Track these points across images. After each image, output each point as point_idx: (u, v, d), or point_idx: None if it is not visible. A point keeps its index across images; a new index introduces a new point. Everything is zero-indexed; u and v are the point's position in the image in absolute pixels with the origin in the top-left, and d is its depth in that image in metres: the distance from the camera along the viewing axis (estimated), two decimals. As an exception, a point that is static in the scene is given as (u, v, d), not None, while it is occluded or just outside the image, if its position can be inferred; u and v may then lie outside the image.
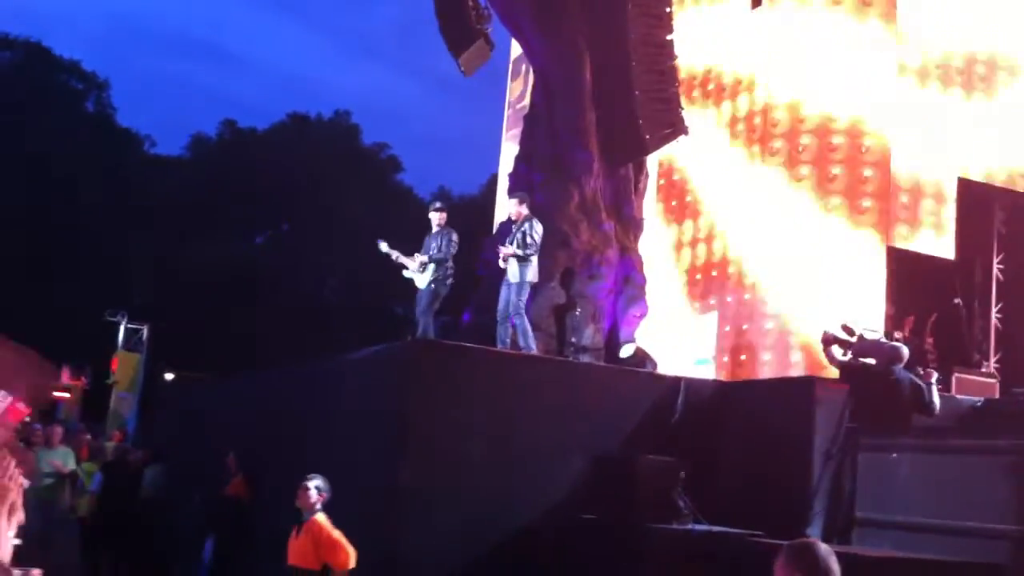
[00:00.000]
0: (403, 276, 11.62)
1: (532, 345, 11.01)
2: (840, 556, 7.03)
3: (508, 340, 10.98)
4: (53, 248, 37.37)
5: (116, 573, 13.89)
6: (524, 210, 11.34)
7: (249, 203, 41.97)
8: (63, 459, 13.25)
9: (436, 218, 11.64)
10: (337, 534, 7.34)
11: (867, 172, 14.41)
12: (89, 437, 16.76)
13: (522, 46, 16.74)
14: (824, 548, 3.43)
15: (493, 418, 9.24)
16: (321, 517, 7.42)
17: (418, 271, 11.34)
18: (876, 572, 6.67)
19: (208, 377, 21.16)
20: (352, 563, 7.30)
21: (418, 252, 11.48)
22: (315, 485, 7.51)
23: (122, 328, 29.24)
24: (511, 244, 11.11)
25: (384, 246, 11.60)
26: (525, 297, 11.13)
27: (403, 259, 11.50)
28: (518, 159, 14.53)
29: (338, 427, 10.39)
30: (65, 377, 31.56)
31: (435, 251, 11.36)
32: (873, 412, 9.24)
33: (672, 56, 13.99)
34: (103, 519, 13.54)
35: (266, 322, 37.17)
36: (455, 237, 11.46)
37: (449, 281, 11.40)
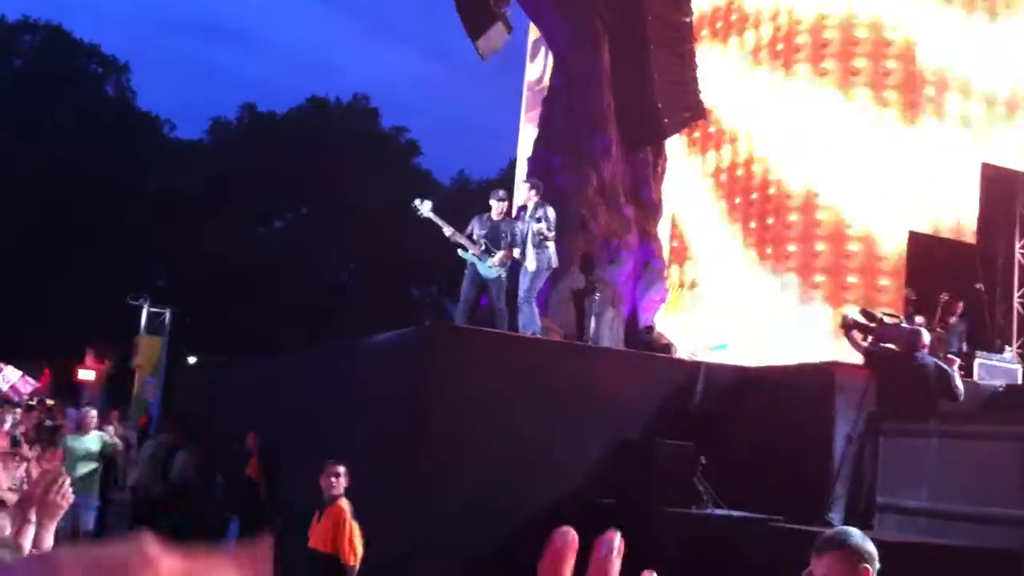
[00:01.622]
0: (457, 255, 11.12)
1: (537, 330, 10.82)
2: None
3: (524, 325, 10.92)
4: (75, 233, 37.56)
5: None
6: (535, 196, 11.18)
7: (268, 187, 42.03)
8: (92, 445, 13.16)
9: (498, 207, 11.17)
10: (355, 526, 7.35)
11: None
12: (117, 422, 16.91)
13: (540, 29, 16.68)
14: (858, 536, 3.47)
15: (511, 402, 9.24)
16: (345, 503, 7.44)
17: (487, 255, 10.89)
18: (897, 557, 6.63)
19: (230, 360, 21.26)
20: (355, 562, 7.30)
21: (467, 234, 11.17)
22: (341, 470, 7.54)
23: (144, 312, 29.36)
24: (527, 233, 10.89)
25: (427, 208, 11.02)
26: (539, 284, 10.99)
27: (459, 237, 10.95)
28: (537, 143, 14.50)
29: (356, 410, 10.41)
30: (89, 360, 31.83)
31: (507, 240, 10.91)
32: (899, 397, 9.19)
33: (690, 39, 13.93)
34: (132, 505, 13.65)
35: (286, 305, 37.30)
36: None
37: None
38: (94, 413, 13.03)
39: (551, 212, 11.06)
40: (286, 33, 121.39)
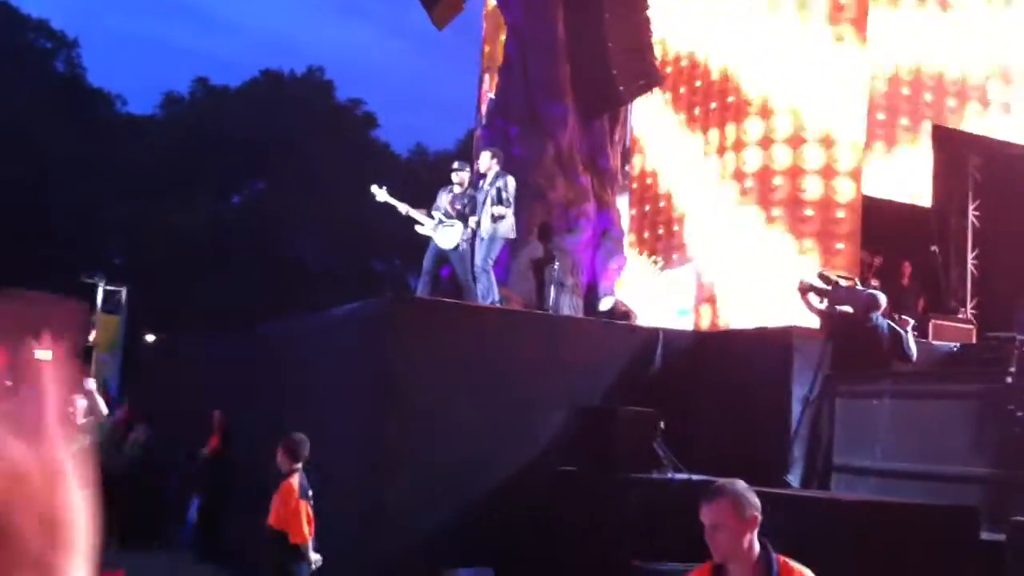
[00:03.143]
0: (415, 231, 11.23)
1: (495, 299, 10.90)
2: (819, 501, 7.12)
3: (482, 294, 10.95)
4: (26, 210, 37.00)
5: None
6: (495, 165, 11.20)
7: (224, 162, 41.61)
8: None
9: (457, 178, 11.30)
10: (301, 505, 7.29)
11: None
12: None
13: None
14: (743, 484, 3.67)
15: (473, 372, 9.28)
16: (294, 480, 7.38)
17: (443, 228, 11.01)
18: (854, 516, 6.75)
19: (192, 336, 21.10)
20: (301, 540, 7.27)
21: (423, 208, 11.19)
22: (289, 446, 7.48)
23: (100, 290, 29.04)
24: (484, 201, 10.94)
25: (383, 193, 11.21)
26: (495, 253, 11.03)
27: (413, 213, 11.12)
28: (493, 113, 14.47)
29: (320, 384, 10.40)
30: (46, 341, 31.43)
31: (461, 211, 11.03)
32: (852, 359, 9.32)
33: (645, 6, 13.91)
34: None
35: (244, 281, 37.02)
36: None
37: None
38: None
39: (511, 182, 11.08)
40: (240, 7, 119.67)
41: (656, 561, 7.52)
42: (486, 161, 11.39)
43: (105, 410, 9.40)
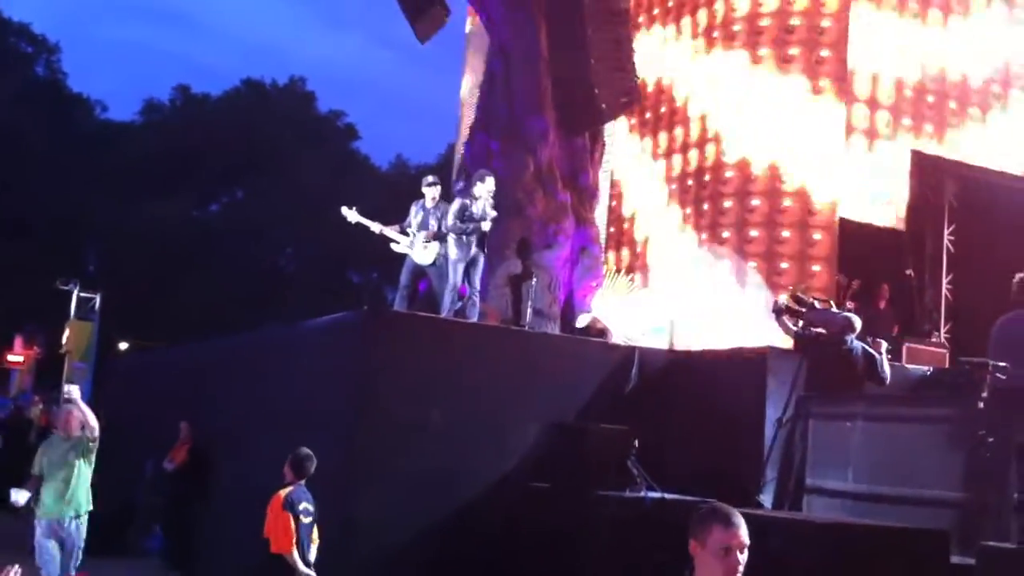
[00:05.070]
0: (390, 249, 11.23)
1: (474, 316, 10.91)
2: (791, 523, 7.10)
3: (462, 309, 10.95)
4: (2, 216, 36.73)
5: None
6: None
7: (203, 170, 41.48)
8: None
9: (430, 192, 11.28)
10: (283, 518, 7.27)
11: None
12: (42, 406, 16.58)
13: (479, 13, 16.63)
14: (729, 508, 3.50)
15: (447, 386, 9.24)
16: (283, 492, 7.38)
17: (420, 245, 11.02)
18: (825, 538, 6.75)
19: (162, 345, 20.96)
20: (285, 551, 7.24)
21: (395, 225, 11.20)
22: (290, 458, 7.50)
23: (74, 297, 28.81)
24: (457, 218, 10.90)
25: (353, 214, 11.22)
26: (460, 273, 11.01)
27: (387, 231, 11.12)
28: (475, 128, 14.47)
29: (294, 395, 10.34)
30: (18, 346, 31.19)
31: (434, 226, 11.05)
32: (826, 381, 9.33)
33: (627, 24, 13.97)
34: None
35: (221, 290, 36.88)
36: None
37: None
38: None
39: (486, 205, 11.00)
40: (225, 15, 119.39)
41: (627, 580, 7.49)
42: (491, 185, 11.12)
43: (95, 423, 9.08)
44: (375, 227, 11.20)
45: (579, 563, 8.20)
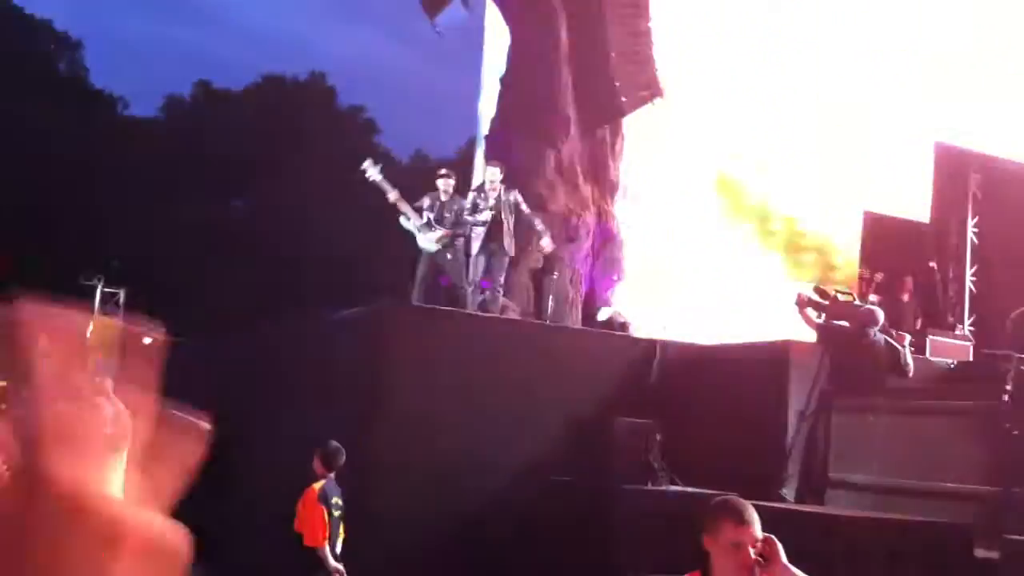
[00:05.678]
0: (400, 224, 11.08)
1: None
2: (814, 516, 7.10)
3: (488, 303, 10.94)
4: (26, 212, 36.98)
5: None
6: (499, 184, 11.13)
7: (224, 165, 41.61)
8: None
9: (444, 184, 11.19)
10: (317, 512, 7.29)
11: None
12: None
13: (498, 6, 16.62)
14: (741, 500, 3.45)
15: (468, 380, 9.25)
16: (317, 486, 7.39)
17: (428, 232, 10.92)
18: (848, 532, 6.73)
19: (187, 340, 21.05)
20: (316, 544, 7.25)
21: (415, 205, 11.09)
22: (319, 451, 7.51)
23: (98, 292, 28.97)
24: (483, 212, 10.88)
25: (376, 172, 10.88)
26: (481, 270, 10.97)
27: (402, 204, 10.87)
28: (495, 122, 14.47)
29: (314, 387, 10.38)
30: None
31: (448, 219, 10.94)
32: (849, 374, 9.29)
33: (647, 17, 13.93)
34: None
35: (243, 284, 37.00)
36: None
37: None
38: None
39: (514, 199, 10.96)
40: (245, 10, 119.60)
41: (650, 573, 7.49)
42: (496, 175, 11.12)
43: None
44: (392, 194, 10.90)
45: (601, 556, 8.20)
